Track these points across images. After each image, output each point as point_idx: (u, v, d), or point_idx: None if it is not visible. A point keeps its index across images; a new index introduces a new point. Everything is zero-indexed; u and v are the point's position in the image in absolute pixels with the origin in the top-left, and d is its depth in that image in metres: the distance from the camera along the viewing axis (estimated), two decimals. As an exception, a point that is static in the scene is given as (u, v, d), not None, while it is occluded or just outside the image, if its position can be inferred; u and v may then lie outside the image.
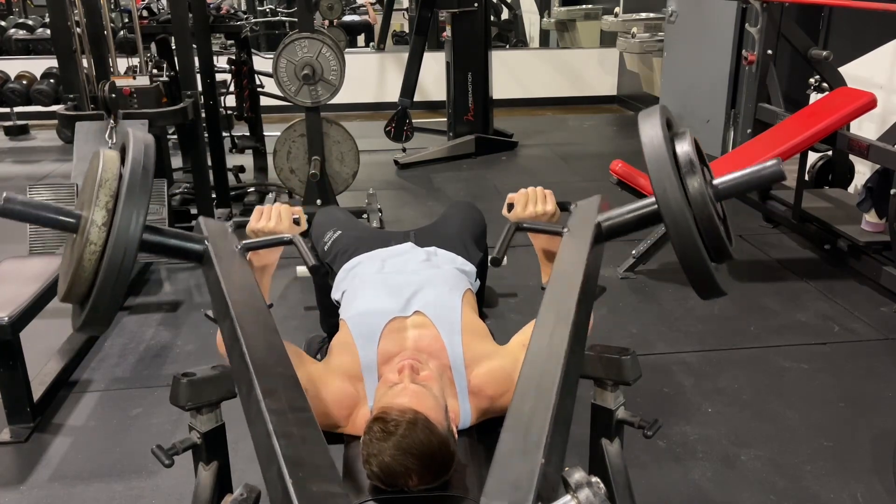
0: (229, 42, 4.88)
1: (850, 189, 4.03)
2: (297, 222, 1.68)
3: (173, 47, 3.82)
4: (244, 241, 1.49)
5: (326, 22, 5.24)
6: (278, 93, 3.79)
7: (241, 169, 4.87)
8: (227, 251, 1.41)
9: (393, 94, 5.76)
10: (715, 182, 1.29)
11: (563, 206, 1.65)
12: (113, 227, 1.14)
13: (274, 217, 1.63)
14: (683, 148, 1.26)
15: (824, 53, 3.68)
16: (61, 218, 1.22)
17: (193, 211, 3.92)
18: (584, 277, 1.23)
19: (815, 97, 3.96)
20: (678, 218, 1.20)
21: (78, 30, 3.47)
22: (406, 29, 8.55)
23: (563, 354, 1.04)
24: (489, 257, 1.44)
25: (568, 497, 0.82)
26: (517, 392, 1.00)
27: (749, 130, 4.02)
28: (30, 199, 1.22)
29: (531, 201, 1.65)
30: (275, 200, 4.11)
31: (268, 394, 1.02)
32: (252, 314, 1.22)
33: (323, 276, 2.16)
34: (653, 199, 1.29)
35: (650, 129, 1.26)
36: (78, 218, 1.21)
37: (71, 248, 1.25)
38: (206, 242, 1.41)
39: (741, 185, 1.29)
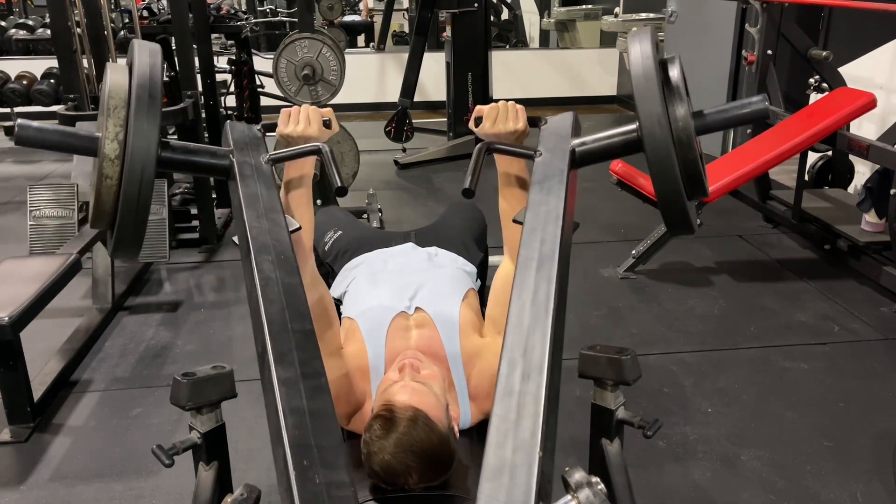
0: (229, 42, 4.88)
1: (850, 189, 4.04)
2: (327, 125, 1.56)
3: (173, 47, 3.82)
4: (271, 154, 1.39)
5: (326, 22, 5.25)
6: (278, 93, 3.79)
7: (241, 169, 4.86)
8: (253, 166, 1.31)
9: (393, 94, 5.75)
10: (705, 112, 1.24)
11: (534, 122, 1.53)
12: (126, 156, 1.11)
13: (303, 120, 1.51)
14: (674, 73, 1.22)
15: (824, 53, 3.68)
16: (78, 143, 1.18)
17: (194, 211, 3.91)
18: (565, 217, 1.15)
19: (815, 97, 3.96)
20: (660, 146, 1.16)
21: (78, 30, 3.47)
22: (406, 29, 8.55)
23: (549, 323, 0.97)
24: (462, 189, 1.32)
25: (568, 497, 0.82)
26: (503, 361, 0.94)
27: (749, 130, 4.01)
28: (44, 124, 1.17)
29: (501, 118, 1.51)
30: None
31: (279, 358, 0.99)
32: (273, 251, 1.16)
33: (323, 276, 2.15)
34: (633, 126, 1.25)
35: (640, 49, 1.20)
36: (96, 141, 1.16)
37: (94, 172, 1.20)
38: (232, 157, 1.31)
39: (727, 119, 1.26)
